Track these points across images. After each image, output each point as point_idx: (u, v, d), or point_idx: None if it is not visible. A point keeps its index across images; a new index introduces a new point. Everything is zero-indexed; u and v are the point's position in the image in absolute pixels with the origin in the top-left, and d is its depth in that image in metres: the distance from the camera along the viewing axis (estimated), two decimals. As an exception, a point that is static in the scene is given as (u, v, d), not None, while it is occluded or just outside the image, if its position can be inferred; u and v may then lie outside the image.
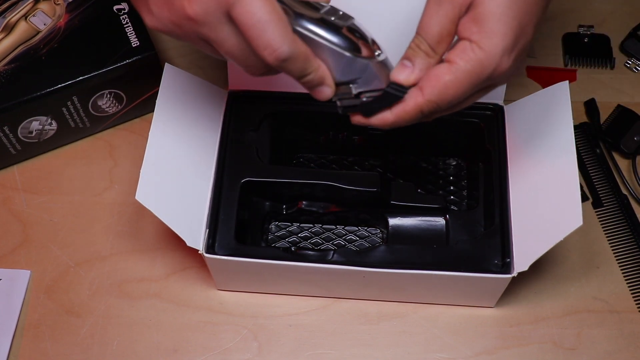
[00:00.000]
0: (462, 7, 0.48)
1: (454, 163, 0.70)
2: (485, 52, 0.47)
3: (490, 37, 0.47)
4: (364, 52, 0.48)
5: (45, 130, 0.69)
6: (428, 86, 0.48)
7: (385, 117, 0.50)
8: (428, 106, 0.49)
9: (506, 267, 0.59)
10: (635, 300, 0.64)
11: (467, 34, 0.48)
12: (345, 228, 0.68)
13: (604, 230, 0.68)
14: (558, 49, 0.78)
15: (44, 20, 0.68)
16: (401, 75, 0.49)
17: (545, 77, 0.76)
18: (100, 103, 0.69)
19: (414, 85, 0.49)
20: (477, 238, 0.61)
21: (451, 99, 0.48)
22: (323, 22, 0.47)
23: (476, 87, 0.49)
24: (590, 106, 0.73)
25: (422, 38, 0.49)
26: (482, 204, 0.63)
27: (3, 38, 0.67)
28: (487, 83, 0.49)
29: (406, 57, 0.50)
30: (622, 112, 0.71)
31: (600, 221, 0.68)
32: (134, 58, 0.67)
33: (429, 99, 0.48)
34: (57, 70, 0.66)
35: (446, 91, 0.48)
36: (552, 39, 0.78)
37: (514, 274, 0.58)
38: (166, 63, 0.63)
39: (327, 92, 0.49)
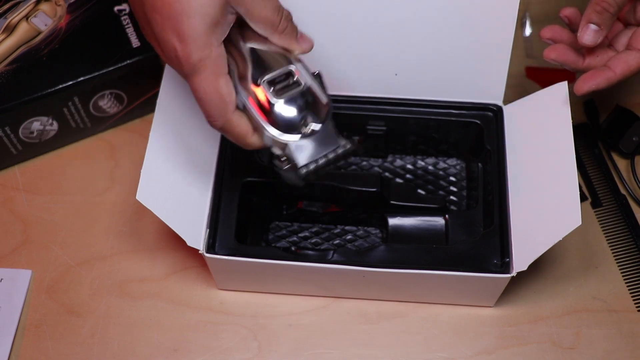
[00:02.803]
0: None
1: (454, 163, 0.70)
2: None
3: None
4: (287, 133, 0.52)
5: (47, 130, 0.69)
6: (619, 67, 0.59)
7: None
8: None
9: (505, 267, 0.59)
10: (634, 300, 0.65)
11: None
12: (345, 228, 0.68)
13: (603, 230, 0.68)
14: (557, 49, 0.78)
15: (45, 21, 0.68)
16: (589, 38, 0.58)
17: (545, 78, 0.76)
18: (101, 103, 0.69)
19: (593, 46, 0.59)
20: (476, 238, 0.61)
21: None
22: (258, 97, 0.52)
23: None
24: (590, 107, 0.73)
25: (609, 2, 0.57)
26: (482, 204, 0.63)
27: (4, 39, 0.67)
28: None
29: (592, 20, 0.58)
30: (620, 113, 0.72)
31: (599, 221, 0.68)
32: (135, 59, 0.67)
33: (620, 78, 0.59)
34: (58, 71, 0.66)
35: (631, 75, 0.59)
36: (551, 40, 0.78)
37: (513, 273, 0.58)
38: (166, 64, 0.63)
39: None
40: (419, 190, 0.69)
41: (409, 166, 0.70)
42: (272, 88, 0.52)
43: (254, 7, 0.50)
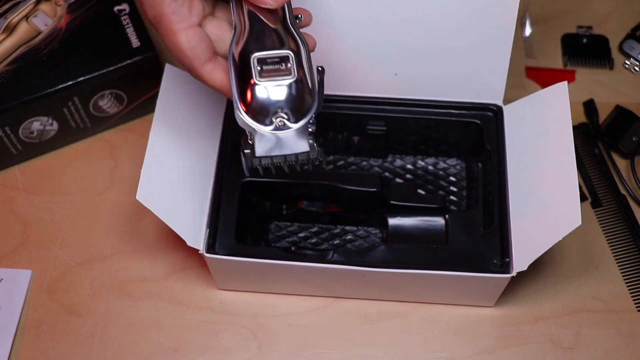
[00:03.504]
0: None
1: (454, 163, 0.70)
2: None
3: None
4: (255, 119, 0.49)
5: (46, 130, 0.69)
6: None
7: None
8: None
9: (505, 267, 0.59)
10: (633, 300, 0.65)
11: None
12: (345, 228, 0.68)
13: (603, 230, 0.68)
14: (557, 49, 0.78)
15: (45, 21, 0.68)
16: None
17: (545, 78, 0.76)
18: (101, 103, 0.69)
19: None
20: (476, 238, 0.61)
21: None
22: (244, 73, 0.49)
23: None
24: (590, 107, 0.73)
25: None
26: (482, 204, 0.63)
27: (4, 39, 0.67)
28: None
29: None
30: (620, 113, 0.72)
31: (599, 221, 0.68)
32: (135, 59, 0.67)
33: None
34: (58, 71, 0.66)
35: None
36: (551, 40, 0.79)
37: (513, 273, 0.58)
38: (167, 64, 0.64)
39: None
40: (419, 190, 0.69)
41: (409, 166, 0.70)
42: (260, 67, 0.48)
43: None
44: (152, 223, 0.68)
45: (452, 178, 0.70)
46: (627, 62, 0.77)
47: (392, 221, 0.65)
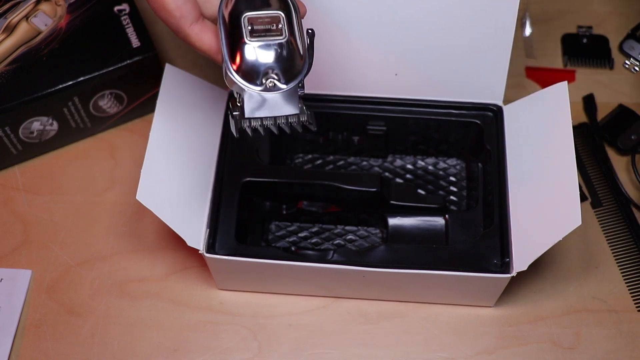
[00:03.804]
0: None
1: (454, 163, 0.70)
2: None
3: None
4: (245, 79, 0.49)
5: (46, 130, 0.69)
6: None
7: None
8: None
9: (505, 267, 0.59)
10: (634, 300, 0.65)
11: None
12: (345, 228, 0.68)
13: (603, 230, 0.68)
14: (557, 49, 0.78)
15: (45, 21, 0.68)
16: None
17: (545, 78, 0.76)
18: (101, 103, 0.69)
19: None
20: (476, 238, 0.61)
21: None
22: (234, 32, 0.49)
23: None
24: (589, 101, 0.73)
25: None
26: (482, 204, 0.63)
27: (4, 39, 0.67)
28: None
29: None
30: (622, 111, 0.72)
31: (599, 221, 0.68)
32: (135, 58, 0.67)
33: None
34: (58, 71, 0.66)
35: None
36: (551, 40, 0.79)
37: (513, 273, 0.58)
38: (167, 63, 0.64)
39: None
40: (419, 190, 0.69)
41: (409, 166, 0.70)
42: (251, 26, 0.48)
43: None
44: (152, 223, 0.68)
45: (452, 178, 0.70)
46: (627, 62, 0.77)
47: (392, 221, 0.65)
